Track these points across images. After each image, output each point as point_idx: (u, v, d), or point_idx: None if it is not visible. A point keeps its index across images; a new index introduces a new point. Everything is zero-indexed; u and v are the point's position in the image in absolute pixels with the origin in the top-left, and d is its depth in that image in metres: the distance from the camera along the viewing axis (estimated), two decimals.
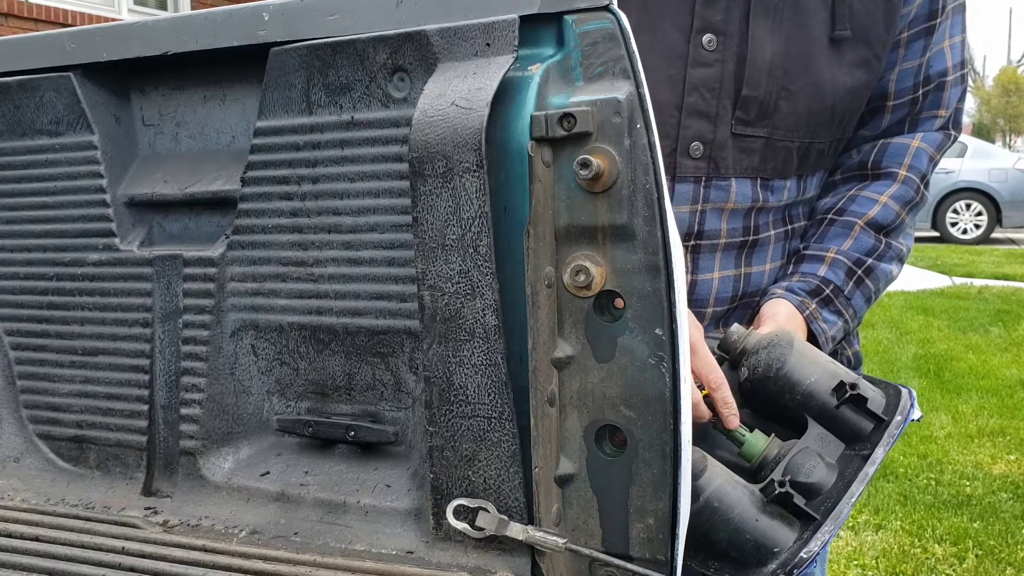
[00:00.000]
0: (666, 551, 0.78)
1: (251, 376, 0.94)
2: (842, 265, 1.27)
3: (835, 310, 1.25)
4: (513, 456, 0.75)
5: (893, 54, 1.26)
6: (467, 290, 0.74)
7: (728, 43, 1.18)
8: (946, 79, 1.30)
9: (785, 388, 1.06)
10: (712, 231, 1.23)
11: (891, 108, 1.30)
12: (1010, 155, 14.43)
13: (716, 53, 1.18)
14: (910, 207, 1.31)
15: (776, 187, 1.25)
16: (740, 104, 1.19)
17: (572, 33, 0.77)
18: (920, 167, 1.31)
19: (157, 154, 1.01)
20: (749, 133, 1.21)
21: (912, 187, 1.30)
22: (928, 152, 1.31)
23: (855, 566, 3.40)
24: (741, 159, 1.22)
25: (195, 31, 0.90)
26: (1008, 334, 7.04)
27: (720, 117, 1.19)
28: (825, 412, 1.06)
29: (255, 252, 0.90)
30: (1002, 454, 4.52)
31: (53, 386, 1.01)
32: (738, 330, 1.14)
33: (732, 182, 1.22)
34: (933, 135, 1.32)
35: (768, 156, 1.22)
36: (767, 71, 1.18)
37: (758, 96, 1.19)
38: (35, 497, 0.97)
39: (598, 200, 0.75)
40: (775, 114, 1.20)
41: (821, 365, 1.08)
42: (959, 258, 11.38)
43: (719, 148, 1.20)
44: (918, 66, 1.28)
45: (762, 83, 1.18)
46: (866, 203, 1.29)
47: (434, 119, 0.74)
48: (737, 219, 1.24)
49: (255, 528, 0.87)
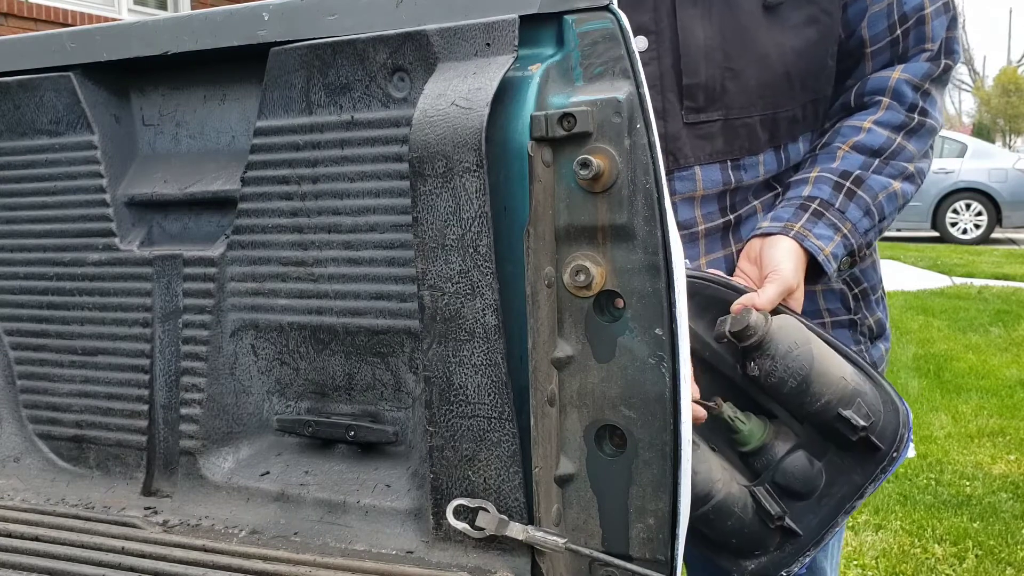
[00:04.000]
0: (666, 551, 0.78)
1: (251, 376, 0.94)
2: (827, 180, 1.21)
3: (829, 223, 1.18)
4: (513, 456, 0.75)
5: (859, 1, 1.24)
6: (467, 290, 0.74)
7: (660, 39, 1.20)
8: (925, 12, 1.25)
9: (800, 391, 1.05)
10: (687, 220, 1.24)
11: (871, 55, 1.27)
12: (1010, 155, 14.43)
13: (651, 52, 1.20)
14: (905, 131, 1.25)
15: (748, 165, 1.25)
16: (685, 93, 1.21)
17: (572, 33, 0.77)
18: (904, 95, 1.25)
19: (157, 154, 1.00)
20: (703, 119, 1.22)
21: (899, 112, 1.25)
22: (911, 81, 1.25)
23: (855, 566, 3.40)
24: (702, 146, 1.22)
25: (195, 31, 0.90)
26: (1008, 334, 7.04)
27: (668, 111, 1.21)
28: (825, 426, 1.06)
29: (255, 252, 0.90)
30: (1002, 454, 4.52)
31: (53, 386, 1.01)
32: (757, 321, 1.06)
33: (696, 170, 1.23)
34: (916, 64, 1.26)
35: (730, 137, 1.23)
36: (703, 56, 1.19)
37: (700, 82, 1.20)
38: (35, 497, 0.97)
39: (598, 200, 0.75)
40: (724, 95, 1.21)
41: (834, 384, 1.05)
42: (959, 258, 11.37)
43: (673, 140, 1.22)
44: (888, 6, 1.25)
45: (701, 69, 1.20)
46: (849, 131, 1.26)
47: (434, 119, 0.74)
48: (710, 204, 1.25)
49: (255, 528, 0.87)
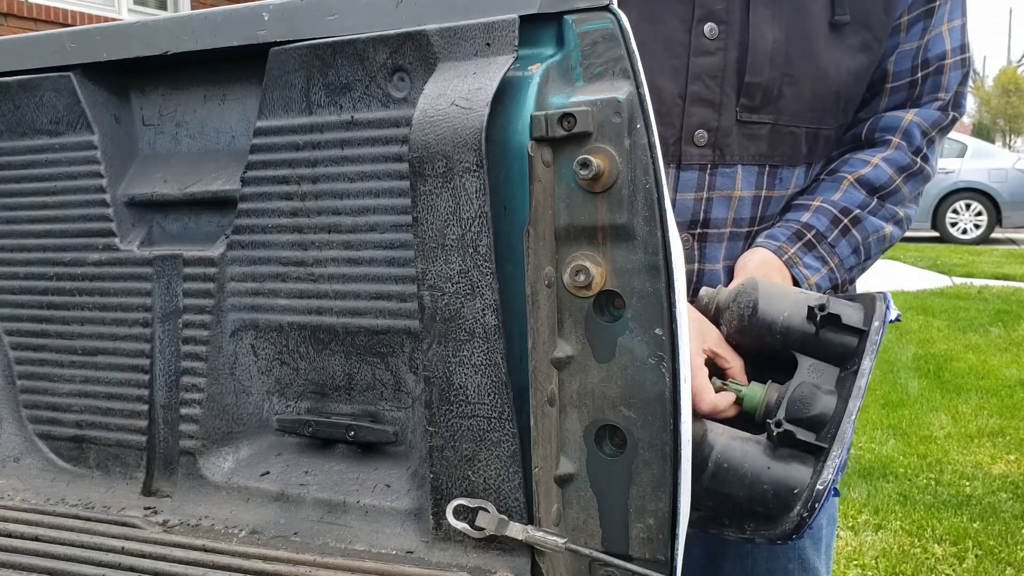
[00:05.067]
0: (666, 551, 0.78)
1: (251, 376, 0.94)
2: (827, 212, 1.26)
3: (818, 256, 1.24)
4: (513, 456, 0.75)
5: (894, 38, 1.27)
6: (467, 290, 0.74)
7: (730, 31, 1.20)
8: (945, 62, 1.30)
9: (764, 330, 1.06)
10: (718, 219, 1.24)
11: (889, 91, 1.31)
12: (1010, 155, 14.43)
13: (718, 41, 1.20)
14: (906, 174, 1.29)
15: (784, 176, 1.26)
16: (744, 91, 1.20)
17: (572, 33, 0.77)
18: (914, 137, 1.29)
19: (157, 154, 1.00)
20: (754, 120, 1.22)
21: (906, 154, 1.29)
22: (921, 126, 1.30)
23: (855, 566, 3.40)
24: (747, 146, 1.23)
25: (195, 31, 0.90)
26: (1008, 334, 7.04)
27: (724, 105, 1.21)
28: (808, 341, 1.05)
29: (255, 252, 0.90)
30: (1002, 454, 4.52)
31: (53, 386, 1.01)
32: (707, 293, 1.14)
33: (738, 169, 1.23)
34: (928, 111, 1.30)
35: (775, 142, 1.23)
36: (769, 57, 1.20)
37: (761, 82, 1.20)
38: (35, 497, 0.97)
39: (598, 200, 0.75)
40: (779, 100, 1.21)
41: (790, 298, 1.08)
42: (959, 258, 11.37)
43: (724, 135, 1.21)
44: (916, 48, 1.29)
45: (764, 69, 1.20)
46: (857, 163, 1.30)
47: (434, 119, 0.74)
48: (744, 209, 1.25)
49: (255, 528, 0.87)
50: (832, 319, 1.04)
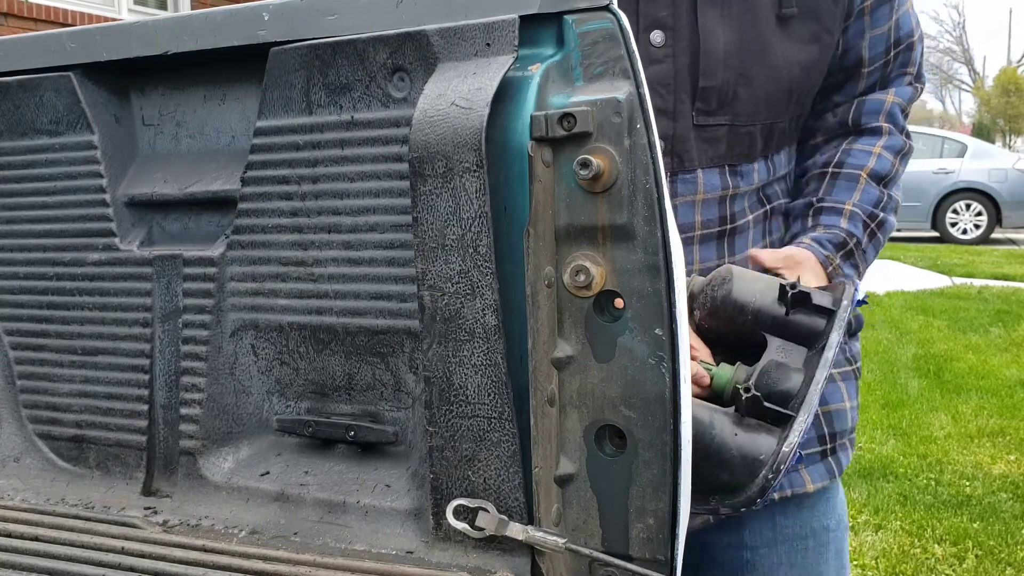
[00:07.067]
0: (666, 551, 0.78)
1: (251, 376, 0.94)
2: (859, 219, 1.30)
3: (853, 264, 1.28)
4: (513, 456, 0.75)
5: (859, 22, 1.30)
6: (467, 290, 0.74)
7: (678, 36, 1.19)
8: (913, 39, 1.36)
9: (735, 312, 1.07)
10: (686, 224, 1.25)
11: (866, 74, 1.34)
12: (1010, 155, 14.44)
13: (666, 48, 1.19)
14: (901, 155, 1.36)
15: (745, 171, 1.27)
16: (699, 95, 1.20)
17: (572, 33, 0.77)
18: (897, 118, 1.36)
19: (157, 154, 1.01)
20: (711, 123, 1.22)
21: (898, 137, 1.35)
22: (901, 105, 1.36)
23: (855, 566, 3.40)
24: (705, 149, 1.23)
25: (195, 31, 0.91)
26: (1008, 334, 7.04)
27: (679, 111, 1.20)
28: (778, 323, 1.06)
29: (255, 252, 0.90)
30: (1002, 454, 4.52)
31: (53, 386, 1.01)
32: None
33: (699, 173, 1.23)
34: (904, 89, 1.37)
35: (733, 143, 1.24)
36: (722, 60, 1.19)
37: (716, 85, 1.20)
38: (35, 497, 0.97)
39: (598, 200, 0.75)
40: (735, 101, 1.21)
41: (762, 281, 1.09)
42: (959, 258, 11.38)
43: (681, 142, 1.21)
44: (887, 31, 1.32)
45: (718, 72, 1.19)
46: (862, 155, 1.33)
47: (434, 119, 0.74)
48: (711, 209, 1.25)
49: (255, 528, 0.87)
50: (802, 298, 1.05)
